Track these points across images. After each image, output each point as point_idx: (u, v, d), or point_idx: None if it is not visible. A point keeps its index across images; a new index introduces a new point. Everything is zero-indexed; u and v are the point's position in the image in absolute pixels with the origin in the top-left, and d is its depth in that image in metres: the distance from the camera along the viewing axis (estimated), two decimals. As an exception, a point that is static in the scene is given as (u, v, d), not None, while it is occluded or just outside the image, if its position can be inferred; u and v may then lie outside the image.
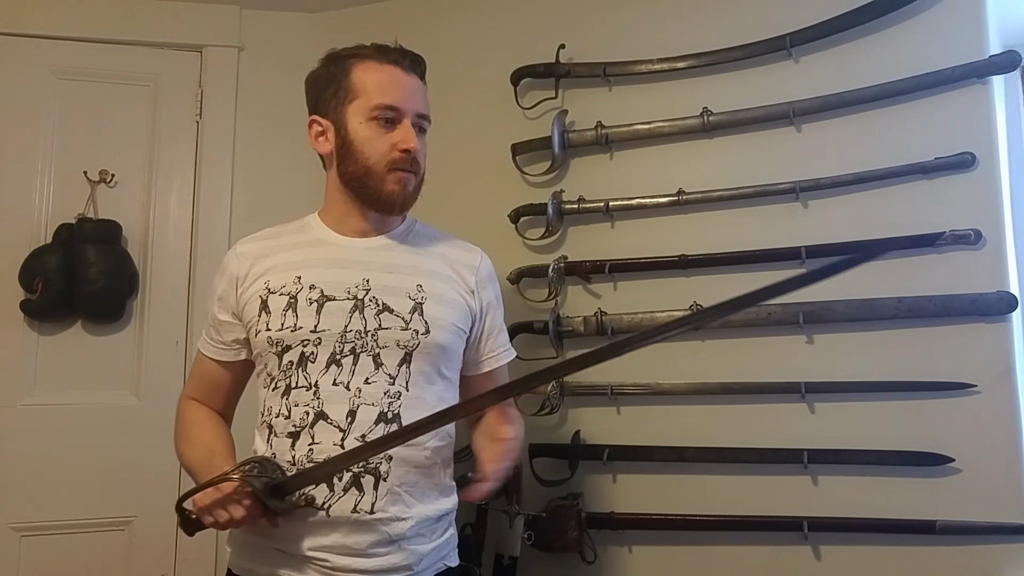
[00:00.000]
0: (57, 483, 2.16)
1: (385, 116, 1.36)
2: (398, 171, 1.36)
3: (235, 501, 1.21)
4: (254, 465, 1.23)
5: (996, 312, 1.70)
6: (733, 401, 1.91)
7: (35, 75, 2.28)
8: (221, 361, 1.45)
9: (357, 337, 1.32)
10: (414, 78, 1.41)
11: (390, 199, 1.37)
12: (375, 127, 1.36)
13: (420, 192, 1.43)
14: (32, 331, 2.20)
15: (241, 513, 1.21)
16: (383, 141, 1.36)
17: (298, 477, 1.24)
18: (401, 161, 1.36)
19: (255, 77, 2.44)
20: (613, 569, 1.99)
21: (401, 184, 1.37)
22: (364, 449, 1.23)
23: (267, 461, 1.26)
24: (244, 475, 1.20)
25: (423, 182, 1.43)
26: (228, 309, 1.42)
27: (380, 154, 1.35)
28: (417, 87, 1.41)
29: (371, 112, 1.36)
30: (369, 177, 1.36)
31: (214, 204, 2.38)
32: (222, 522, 1.23)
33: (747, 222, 1.91)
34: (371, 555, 1.26)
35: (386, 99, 1.36)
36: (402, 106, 1.37)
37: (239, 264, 1.42)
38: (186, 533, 1.31)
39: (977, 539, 1.68)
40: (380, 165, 1.36)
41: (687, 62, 2.01)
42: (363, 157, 1.36)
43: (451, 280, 1.42)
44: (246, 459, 1.25)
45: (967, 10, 1.79)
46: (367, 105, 1.36)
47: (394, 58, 1.39)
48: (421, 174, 1.41)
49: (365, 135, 1.36)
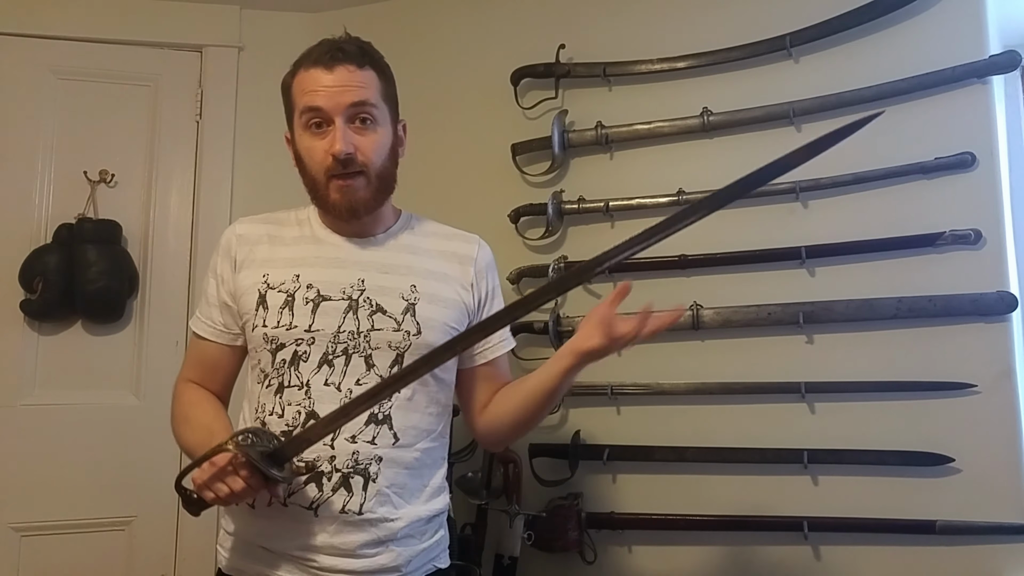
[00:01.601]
0: (57, 483, 2.16)
1: (314, 121, 1.31)
2: (336, 179, 1.30)
3: (232, 472, 1.17)
4: (248, 435, 1.19)
5: (996, 312, 1.71)
6: (733, 401, 1.91)
7: (35, 75, 2.28)
8: (218, 343, 1.43)
9: (350, 338, 1.31)
10: (340, 70, 1.30)
11: (336, 208, 1.32)
12: (310, 136, 1.32)
13: (390, 187, 1.37)
14: (32, 331, 2.21)
15: (240, 485, 1.17)
16: (317, 149, 1.31)
17: (292, 442, 1.21)
18: (332, 167, 1.30)
19: (255, 77, 2.44)
20: (613, 569, 1.99)
21: (341, 192, 1.31)
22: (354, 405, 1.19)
23: (261, 431, 1.23)
24: (238, 445, 1.17)
25: (385, 176, 1.35)
26: (227, 290, 1.39)
27: (318, 163, 1.31)
28: (344, 78, 1.30)
29: (302, 120, 1.32)
30: (316, 188, 1.33)
31: (214, 204, 2.38)
32: (223, 496, 1.19)
33: (747, 222, 1.91)
34: (359, 555, 1.26)
35: (306, 101, 1.31)
36: (325, 105, 1.29)
37: (238, 246, 1.39)
38: (189, 512, 1.28)
39: (977, 539, 1.68)
40: (321, 175, 1.31)
41: (687, 62, 2.01)
42: (307, 169, 1.33)
43: (447, 278, 1.41)
44: (239, 430, 1.21)
45: (967, 10, 1.79)
46: (299, 115, 1.33)
47: (315, 58, 1.32)
48: (375, 170, 1.33)
49: (305, 146, 1.32)
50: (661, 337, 1.95)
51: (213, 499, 1.20)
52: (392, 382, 1.21)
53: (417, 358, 1.28)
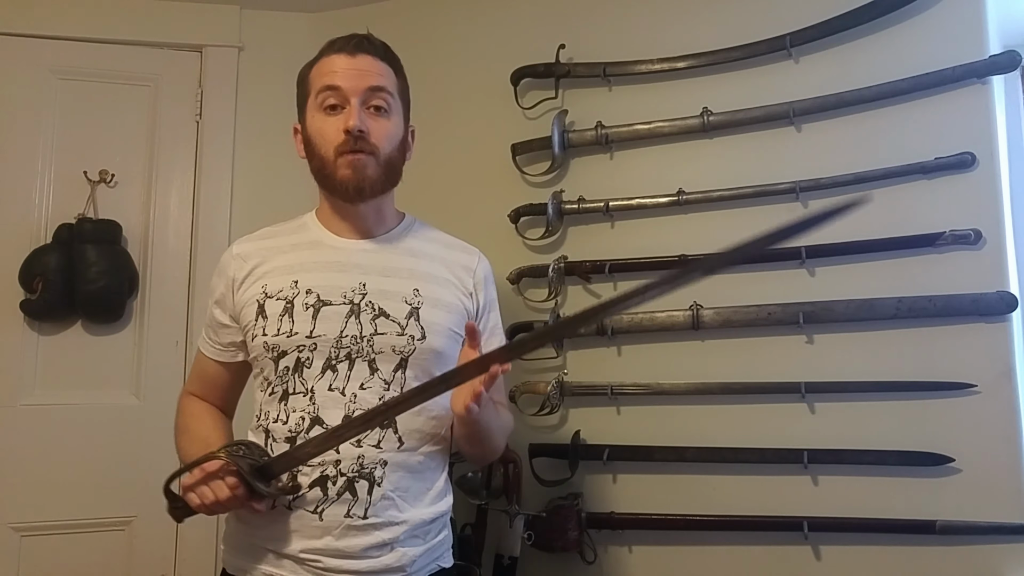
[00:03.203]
0: (57, 483, 2.16)
1: (329, 101, 1.33)
2: (346, 154, 1.32)
3: (219, 479, 1.19)
4: (240, 447, 1.22)
5: (996, 312, 1.70)
6: (733, 401, 1.91)
7: (35, 75, 2.28)
8: (219, 361, 1.45)
9: (353, 342, 1.31)
10: (361, 57, 1.36)
11: (343, 185, 1.33)
12: (323, 117, 1.34)
13: (396, 176, 1.40)
14: (32, 331, 2.21)
15: (226, 493, 1.19)
16: (330, 128, 1.33)
17: (282, 458, 1.23)
18: (346, 143, 1.31)
19: (255, 77, 2.44)
20: (613, 569, 1.99)
21: (352, 168, 1.32)
22: (345, 428, 1.21)
23: (253, 444, 1.26)
24: (230, 454, 1.19)
25: (394, 164, 1.38)
26: (226, 311, 1.41)
27: (329, 141, 1.33)
28: (365, 64, 1.35)
29: (317, 100, 1.34)
30: (324, 166, 1.34)
31: (214, 204, 2.38)
32: (208, 503, 1.20)
33: (747, 222, 1.91)
34: (363, 557, 1.26)
35: (325, 81, 1.34)
36: (344, 85, 1.33)
37: (236, 266, 1.40)
38: (173, 517, 1.30)
39: (977, 539, 1.68)
40: (331, 152, 1.33)
41: (687, 62, 2.01)
42: (317, 147, 1.35)
43: (448, 283, 1.41)
44: (233, 441, 1.24)
45: (967, 10, 1.79)
46: (315, 96, 1.35)
47: (339, 46, 1.36)
48: (384, 155, 1.35)
49: (317, 127, 1.35)
50: (661, 337, 1.98)
51: (198, 505, 1.22)
52: (385, 410, 1.21)
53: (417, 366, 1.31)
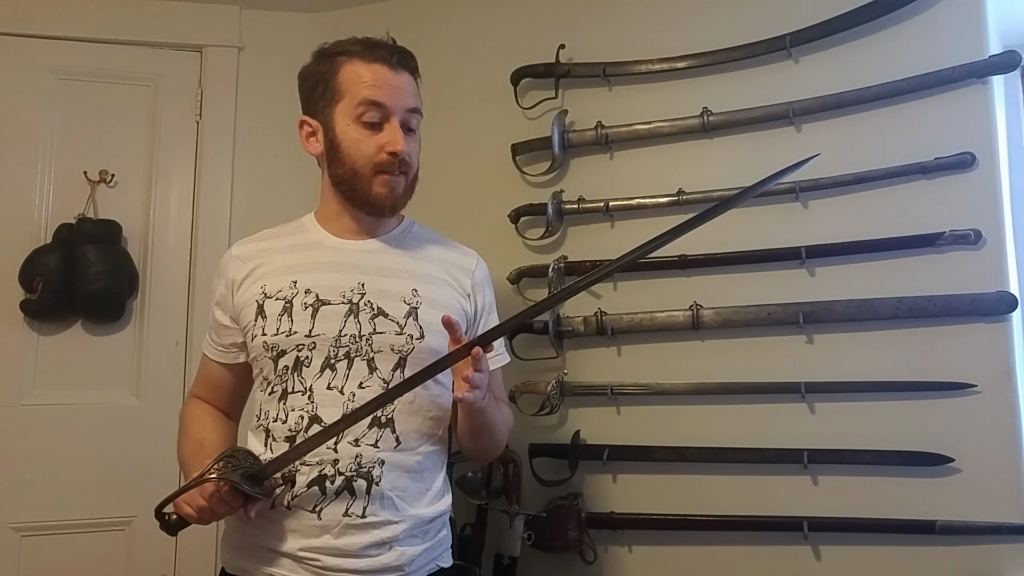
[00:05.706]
0: (57, 483, 2.16)
1: (371, 118, 1.33)
2: (384, 174, 1.34)
3: (217, 498, 1.22)
4: (227, 460, 1.24)
5: (996, 312, 1.70)
6: (733, 401, 1.91)
7: (35, 75, 2.28)
8: (222, 363, 1.46)
9: (352, 341, 1.31)
10: (402, 74, 1.37)
11: (378, 202, 1.35)
12: (361, 129, 1.34)
13: (414, 190, 1.41)
14: (32, 331, 2.21)
15: (224, 508, 1.23)
16: (370, 143, 1.33)
17: (272, 463, 1.25)
18: (388, 164, 1.33)
19: (255, 77, 2.44)
20: (613, 569, 1.99)
21: (388, 187, 1.34)
22: (333, 428, 1.23)
23: (239, 451, 1.27)
24: (221, 475, 1.21)
25: (416, 180, 1.41)
26: (226, 312, 1.42)
27: (367, 157, 1.33)
28: (405, 83, 1.37)
29: (357, 112, 1.33)
30: (357, 180, 1.35)
31: (214, 204, 2.38)
32: (207, 520, 1.25)
33: (747, 222, 1.91)
34: (362, 556, 1.27)
35: (372, 95, 1.33)
36: (388, 103, 1.34)
37: (236, 267, 1.41)
38: (168, 534, 1.33)
39: (977, 539, 1.68)
40: (367, 168, 1.34)
41: (687, 62, 2.01)
42: (350, 160, 1.34)
43: (446, 284, 1.41)
44: (219, 455, 1.24)
45: (967, 10, 1.79)
46: (353, 105, 1.34)
47: (381, 55, 1.36)
48: (412, 173, 1.39)
49: (352, 137, 1.34)
50: (661, 337, 1.98)
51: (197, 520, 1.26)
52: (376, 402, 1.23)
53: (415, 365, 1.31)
